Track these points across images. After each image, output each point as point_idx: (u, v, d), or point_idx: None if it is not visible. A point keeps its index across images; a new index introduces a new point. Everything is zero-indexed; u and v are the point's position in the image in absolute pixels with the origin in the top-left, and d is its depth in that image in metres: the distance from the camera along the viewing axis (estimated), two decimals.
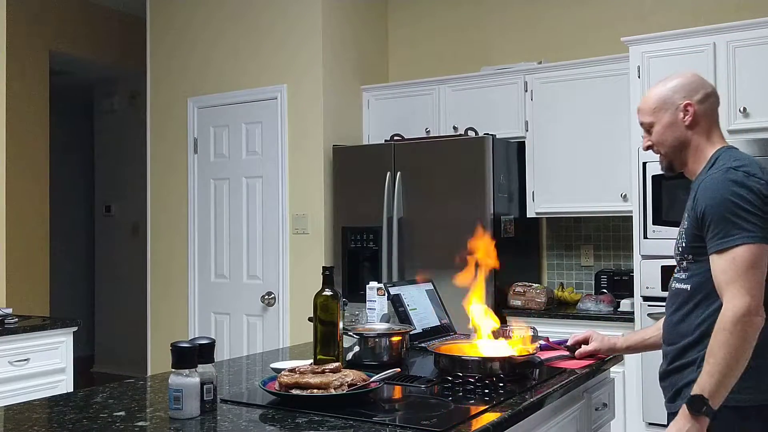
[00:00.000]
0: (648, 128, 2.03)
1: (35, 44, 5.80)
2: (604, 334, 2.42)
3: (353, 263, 4.47)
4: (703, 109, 1.98)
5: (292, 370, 1.86)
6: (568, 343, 2.41)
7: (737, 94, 3.54)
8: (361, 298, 2.87)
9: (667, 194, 3.62)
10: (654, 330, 2.25)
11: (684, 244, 1.94)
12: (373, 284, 2.80)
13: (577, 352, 2.38)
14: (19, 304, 4.63)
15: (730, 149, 1.96)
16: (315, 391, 1.77)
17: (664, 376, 1.99)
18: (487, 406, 1.78)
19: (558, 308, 4.13)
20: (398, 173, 4.31)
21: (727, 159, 1.90)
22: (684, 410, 1.76)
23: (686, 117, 1.97)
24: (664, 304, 2.97)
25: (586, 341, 2.39)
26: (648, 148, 2.06)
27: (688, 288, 1.93)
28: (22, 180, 5.58)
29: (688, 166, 2.01)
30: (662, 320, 2.22)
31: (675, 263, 2.03)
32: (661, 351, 2.05)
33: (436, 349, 2.23)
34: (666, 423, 1.93)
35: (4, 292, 4.02)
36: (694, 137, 1.98)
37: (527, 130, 4.30)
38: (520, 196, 4.31)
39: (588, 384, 2.34)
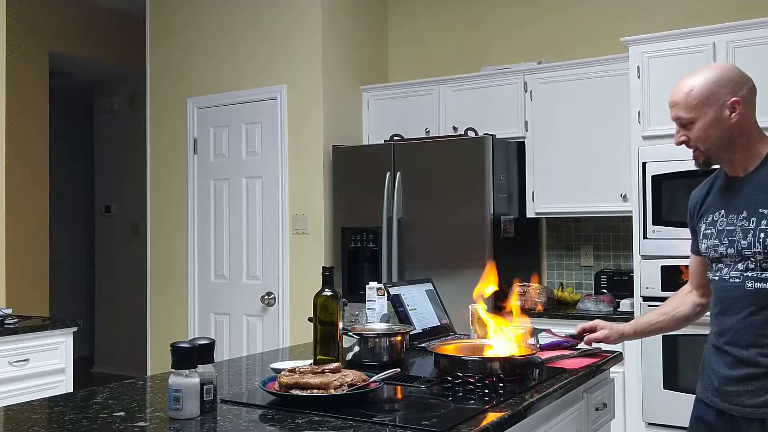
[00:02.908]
0: (686, 123, 1.92)
1: (35, 44, 5.80)
2: (611, 323, 2.38)
3: (353, 263, 4.47)
4: (748, 105, 1.91)
5: (291, 371, 1.86)
6: (575, 332, 2.38)
7: None
8: (361, 299, 2.87)
9: (667, 194, 3.63)
10: (658, 315, 2.23)
11: None
12: (373, 284, 2.79)
13: (585, 338, 2.33)
14: (18, 304, 4.63)
15: None
16: (315, 391, 1.77)
17: (750, 378, 1.88)
18: (486, 407, 1.78)
19: (558, 308, 4.13)
20: (398, 173, 4.31)
21: None
22: None
23: (734, 115, 1.89)
24: (663, 304, 2.93)
25: (593, 330, 2.34)
26: (682, 143, 1.96)
27: None
28: (21, 180, 5.58)
29: (735, 162, 1.95)
30: (668, 305, 2.23)
31: (732, 259, 1.92)
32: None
33: (435, 350, 2.22)
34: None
35: (4, 292, 4.02)
36: (741, 134, 1.91)
37: (527, 130, 4.30)
38: (519, 196, 4.31)
39: (588, 384, 2.33)
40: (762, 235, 1.84)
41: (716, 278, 1.98)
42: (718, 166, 2.01)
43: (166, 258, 5.21)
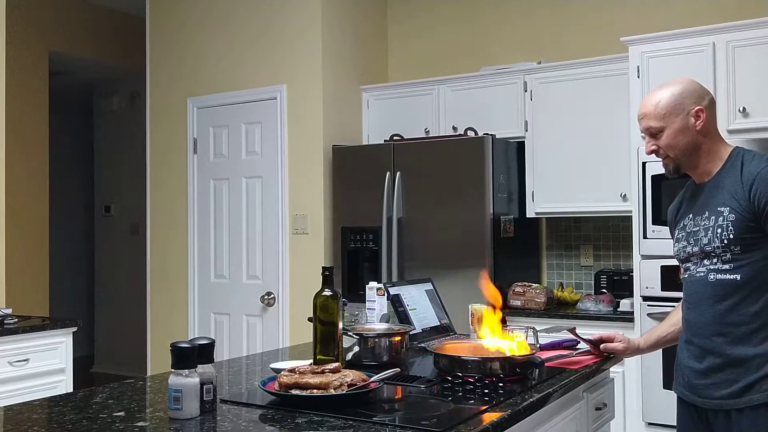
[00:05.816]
0: (655, 133, 2.07)
1: (35, 44, 5.80)
2: (629, 338, 2.42)
3: (353, 263, 4.47)
4: (710, 114, 2.06)
5: (291, 371, 1.86)
6: (592, 338, 2.41)
7: (737, 94, 3.54)
8: (361, 298, 2.87)
9: (667, 194, 3.62)
10: (668, 326, 2.29)
11: (731, 236, 1.96)
12: (373, 284, 2.80)
13: (602, 346, 2.37)
14: (18, 304, 4.63)
15: (743, 148, 2.08)
16: (315, 391, 1.78)
17: (716, 369, 2.00)
18: (486, 406, 1.78)
19: (558, 308, 4.13)
20: (398, 173, 4.31)
21: (759, 155, 2.01)
22: None
23: (698, 122, 2.04)
24: (663, 303, 2.92)
25: (611, 340, 2.39)
26: (652, 152, 2.10)
27: (738, 278, 1.96)
28: (21, 180, 5.58)
29: (699, 168, 2.09)
30: (674, 316, 2.27)
31: (697, 257, 2.05)
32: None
33: (435, 349, 2.22)
34: (714, 417, 1.99)
35: (4, 292, 4.02)
36: (704, 141, 2.05)
37: (527, 130, 4.30)
38: (519, 196, 4.31)
39: (588, 384, 2.34)
40: (719, 230, 1.98)
41: (686, 276, 2.12)
42: (686, 174, 2.13)
43: (165, 258, 5.20)
